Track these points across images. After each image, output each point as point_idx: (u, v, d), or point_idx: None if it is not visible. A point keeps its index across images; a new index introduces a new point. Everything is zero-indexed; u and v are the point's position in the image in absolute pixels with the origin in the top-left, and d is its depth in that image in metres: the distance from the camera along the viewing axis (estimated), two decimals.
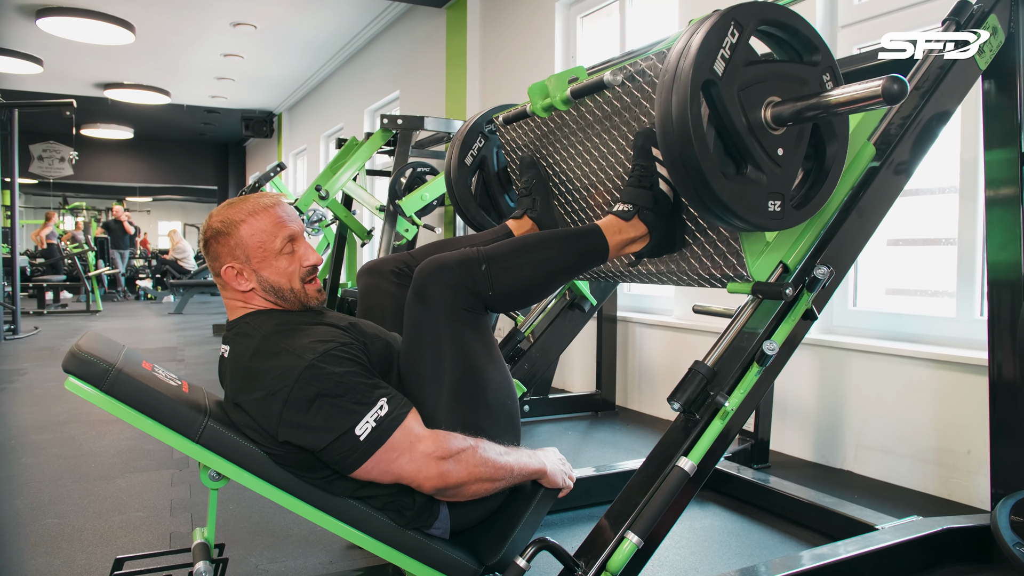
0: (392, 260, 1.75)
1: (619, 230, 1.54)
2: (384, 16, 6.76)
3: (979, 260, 2.38)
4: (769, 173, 1.33)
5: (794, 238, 1.53)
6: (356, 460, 1.26)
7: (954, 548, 1.80)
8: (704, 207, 1.31)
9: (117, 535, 2.03)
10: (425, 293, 1.39)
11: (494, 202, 2.23)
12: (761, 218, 1.33)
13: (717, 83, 1.25)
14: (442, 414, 1.36)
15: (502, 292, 1.42)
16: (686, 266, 1.63)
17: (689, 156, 1.24)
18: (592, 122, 1.72)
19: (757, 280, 1.48)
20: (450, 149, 2.17)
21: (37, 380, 4.48)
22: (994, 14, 1.71)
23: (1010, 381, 1.83)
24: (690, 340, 3.43)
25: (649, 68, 1.50)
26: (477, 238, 1.81)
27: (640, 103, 1.56)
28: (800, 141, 1.37)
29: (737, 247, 1.48)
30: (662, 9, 3.89)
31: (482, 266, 1.39)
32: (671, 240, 1.60)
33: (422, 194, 4.27)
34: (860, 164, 1.58)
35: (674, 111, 1.24)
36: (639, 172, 1.56)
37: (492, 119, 2.11)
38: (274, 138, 11.98)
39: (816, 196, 1.42)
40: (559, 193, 1.96)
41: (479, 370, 1.41)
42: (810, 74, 1.36)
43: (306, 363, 1.25)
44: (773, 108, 1.32)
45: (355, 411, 1.25)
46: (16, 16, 6.78)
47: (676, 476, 1.36)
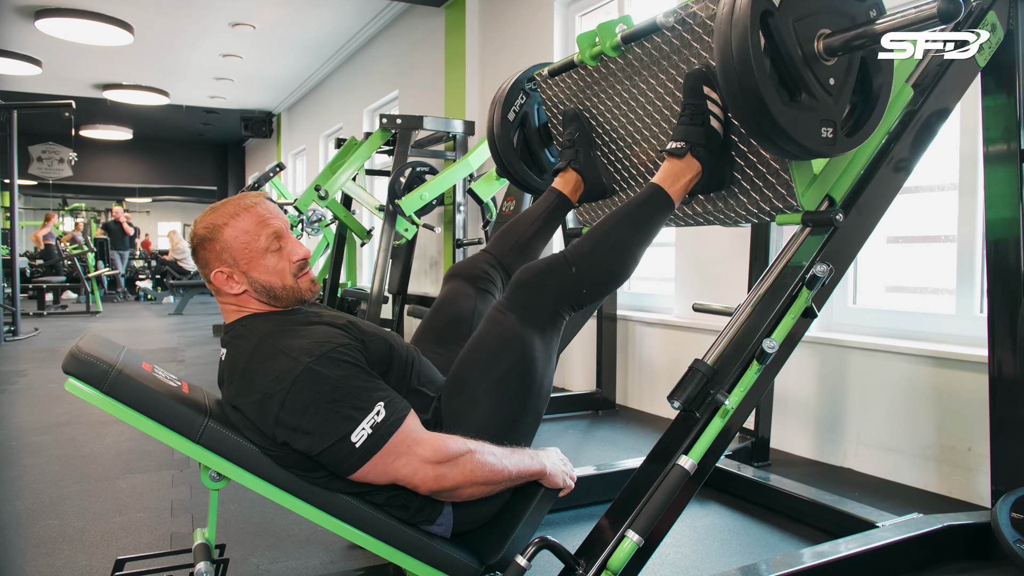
0: (479, 265, 1.83)
1: (675, 176, 1.60)
2: (383, 16, 6.75)
3: (979, 257, 2.38)
4: (822, 101, 1.40)
5: (840, 170, 1.57)
6: (352, 465, 1.26)
7: (955, 545, 1.80)
8: (762, 133, 1.38)
9: (118, 536, 2.03)
10: (519, 301, 1.47)
11: (535, 157, 2.27)
12: (815, 143, 1.40)
13: (774, 13, 1.33)
14: (484, 408, 1.41)
15: (594, 286, 1.52)
16: (734, 203, 1.68)
17: (749, 83, 1.31)
18: (639, 68, 1.79)
19: (807, 209, 1.54)
20: (491, 108, 2.20)
21: (37, 381, 4.48)
22: (993, 11, 1.71)
23: (1010, 378, 1.83)
24: (690, 338, 3.43)
25: (700, 9, 1.59)
26: (533, 211, 1.93)
27: (690, 45, 1.64)
28: (850, 72, 1.44)
29: (787, 178, 1.54)
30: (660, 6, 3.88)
31: (572, 268, 1.49)
32: (721, 176, 1.65)
33: (421, 193, 4.28)
34: (899, 104, 1.61)
35: (734, 41, 1.31)
36: (691, 111, 1.61)
37: (533, 76, 2.18)
38: (273, 138, 11.97)
39: (865, 125, 1.49)
40: (602, 143, 2.01)
41: (539, 376, 1.47)
42: (858, 9, 1.44)
43: (303, 366, 1.25)
44: (825, 40, 1.38)
45: (351, 417, 1.25)
46: (15, 17, 6.78)
47: (676, 474, 1.36)
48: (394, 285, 5.07)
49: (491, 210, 4.44)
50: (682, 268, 3.52)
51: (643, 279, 4.06)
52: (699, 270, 3.42)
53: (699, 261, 3.41)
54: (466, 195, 5.05)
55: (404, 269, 5.10)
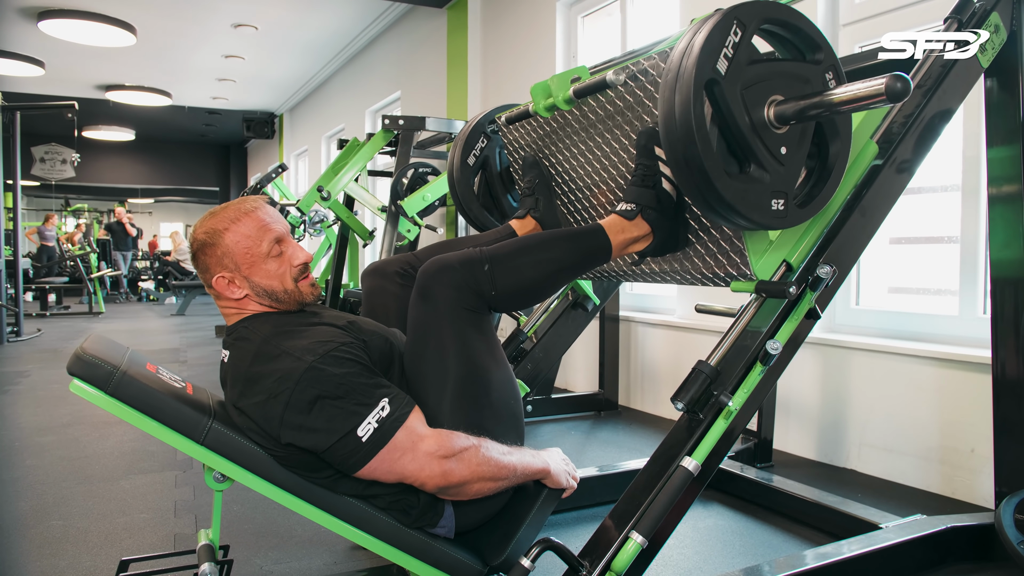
0: (396, 261, 1.76)
1: (622, 229, 1.54)
2: (385, 17, 6.76)
3: (982, 258, 2.38)
4: (772, 172, 1.33)
5: (797, 236, 1.52)
6: (359, 461, 1.26)
7: (958, 547, 1.80)
8: (707, 206, 1.31)
9: (122, 537, 2.03)
10: (428, 293, 1.39)
11: (497, 202, 2.23)
12: (764, 217, 1.33)
13: (720, 82, 1.25)
14: (446, 413, 1.36)
15: (505, 292, 1.42)
16: (689, 265, 1.63)
17: (692, 155, 1.24)
18: (595, 121, 1.72)
19: (761, 279, 1.48)
20: (452, 149, 2.17)
21: (40, 382, 4.49)
22: (996, 12, 1.70)
23: (1013, 379, 1.83)
24: (693, 339, 3.43)
25: (652, 67, 1.50)
26: (480, 238, 1.81)
27: (643, 102, 1.56)
28: (803, 140, 1.37)
29: (740, 246, 1.48)
30: (663, 8, 3.89)
31: (485, 266, 1.39)
32: (674, 239, 1.60)
33: (424, 194, 4.28)
34: (863, 162, 1.57)
35: (677, 110, 1.24)
36: (642, 171, 1.56)
37: (494, 119, 2.11)
38: (275, 139, 11.99)
39: (819, 194, 1.42)
40: (562, 192, 1.96)
41: (482, 370, 1.41)
42: (813, 72, 1.35)
43: (306, 365, 1.26)
44: (776, 107, 1.31)
45: (357, 412, 1.25)
46: (18, 18, 6.79)
47: (680, 476, 1.36)
48: None
49: None
50: None
51: None
52: None
53: None
54: None
55: None
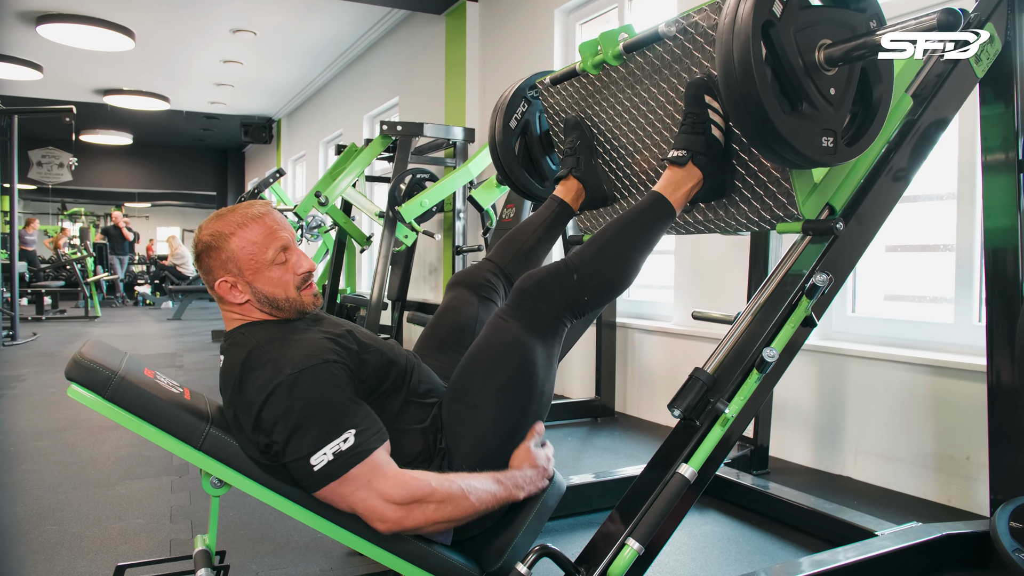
0: (480, 273, 1.83)
1: (677, 184, 1.60)
2: (383, 23, 6.78)
3: (977, 266, 2.39)
4: (823, 111, 1.41)
5: (841, 179, 1.58)
6: (310, 486, 1.27)
7: (953, 554, 1.80)
8: (763, 143, 1.39)
9: (117, 542, 2.03)
10: (522, 309, 1.47)
11: (536, 165, 2.28)
12: (816, 152, 1.41)
13: (776, 24, 1.34)
14: (486, 415, 1.41)
15: (596, 294, 1.52)
16: (735, 211, 1.69)
17: (750, 93, 1.32)
18: (641, 77, 1.80)
19: (807, 218, 1.55)
20: (493, 116, 2.21)
21: (36, 386, 4.47)
22: (991, 22, 1.72)
23: (1008, 387, 1.84)
24: (690, 346, 3.44)
25: (702, 20, 1.60)
26: (535, 220, 1.94)
27: (692, 54, 1.65)
28: (850, 82, 1.45)
29: (788, 187, 1.55)
30: (660, 15, 3.90)
31: (574, 276, 1.48)
32: (722, 185, 1.66)
33: (421, 200, 4.28)
34: (899, 113, 1.62)
35: (736, 51, 1.32)
36: (692, 119, 1.61)
37: (535, 84, 2.19)
38: (273, 144, 11.99)
39: (865, 135, 1.49)
40: (603, 152, 2.02)
41: (540, 382, 1.47)
42: (858, 20, 1.45)
43: (282, 377, 1.26)
44: (826, 50, 1.40)
45: (316, 441, 1.24)
46: (16, 23, 6.80)
47: (677, 483, 1.36)
48: (393, 291, 5.07)
49: (491, 217, 4.46)
50: (682, 276, 3.53)
51: (643, 287, 4.07)
52: (699, 278, 3.43)
53: (699, 269, 3.42)
54: (466, 202, 5.05)
55: (403, 276, 5.10)
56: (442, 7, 5.64)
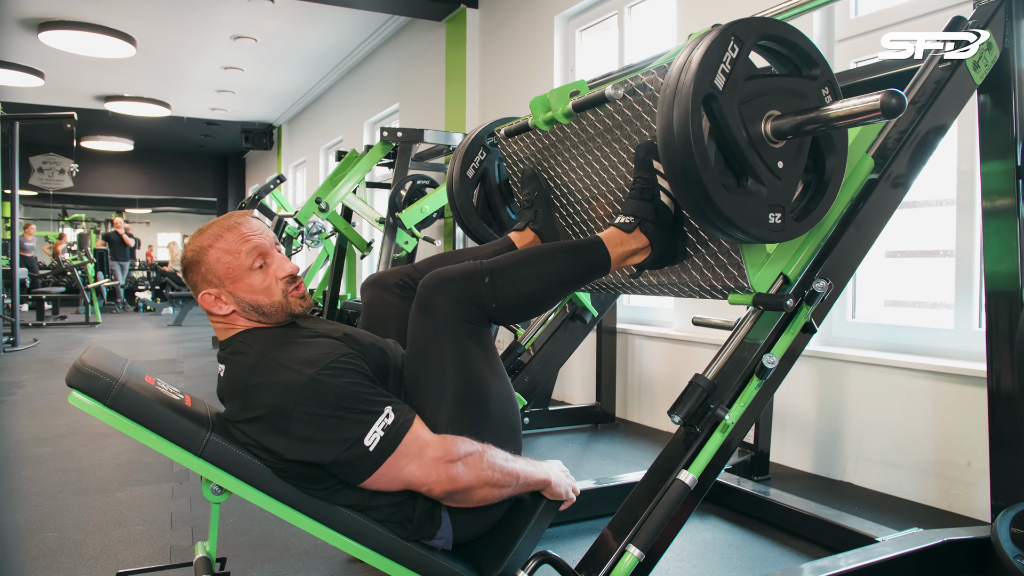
0: (396, 273, 1.77)
1: (621, 242, 1.55)
2: (384, 29, 6.80)
3: (977, 272, 2.39)
4: (770, 186, 1.35)
5: (794, 250, 1.54)
6: (367, 470, 1.27)
7: (955, 560, 1.80)
8: (705, 219, 1.33)
9: (118, 549, 2.03)
10: (429, 306, 1.40)
11: (496, 214, 2.24)
12: (762, 230, 1.35)
13: (718, 97, 1.27)
14: (444, 424, 1.37)
15: (505, 304, 1.43)
16: (687, 277, 1.64)
17: (690, 169, 1.26)
18: (593, 135, 1.74)
19: (758, 292, 1.50)
20: (452, 162, 2.19)
21: (36, 393, 4.47)
22: (988, 29, 1.73)
23: (1008, 392, 1.84)
24: (690, 352, 3.44)
25: (650, 82, 1.52)
26: (480, 251, 1.82)
27: (641, 116, 1.58)
28: (800, 154, 1.39)
29: (738, 259, 1.49)
30: (660, 23, 3.92)
31: (485, 278, 1.40)
32: (672, 252, 1.61)
33: (422, 206, 4.29)
34: (859, 176, 1.59)
35: (675, 124, 1.26)
36: (640, 184, 1.57)
37: (494, 132, 2.13)
38: (274, 150, 12.01)
39: (816, 208, 1.44)
40: (561, 205, 1.97)
41: (481, 381, 1.42)
42: (809, 88, 1.38)
43: (307, 377, 1.26)
44: (773, 122, 1.34)
45: (363, 421, 1.26)
46: (18, 30, 6.82)
47: (677, 489, 1.36)
48: None
49: None
50: None
51: None
52: None
53: None
54: None
55: None
56: (442, 14, 5.66)
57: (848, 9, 2.84)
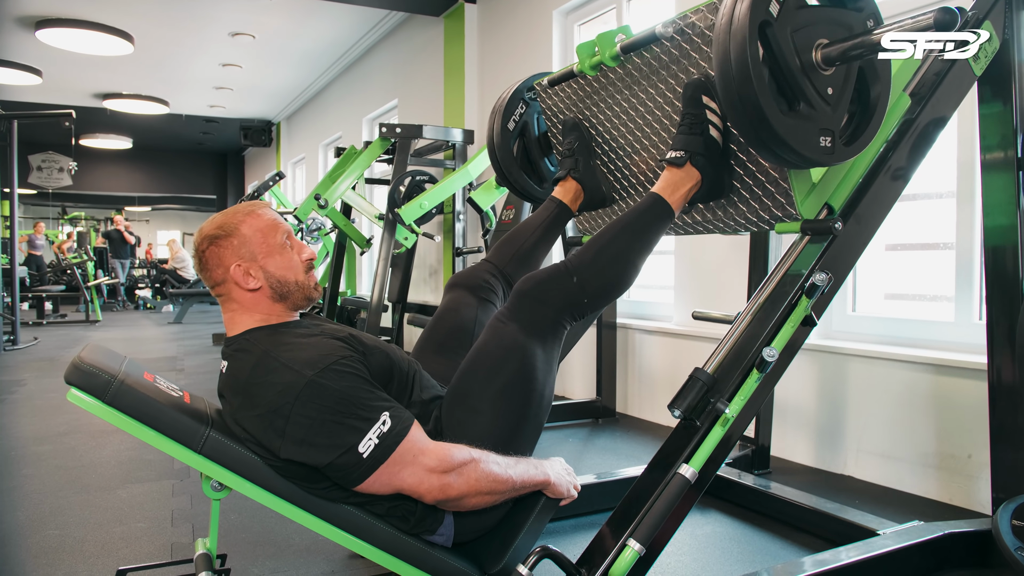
0: (479, 275, 1.83)
1: (675, 186, 1.61)
2: (382, 25, 6.78)
3: (977, 264, 2.38)
4: (820, 110, 1.41)
5: (839, 179, 1.58)
6: (360, 476, 1.27)
7: (955, 553, 1.80)
8: (761, 143, 1.39)
9: (118, 546, 2.03)
10: (522, 314, 1.47)
11: (534, 166, 2.28)
12: (814, 152, 1.40)
13: (772, 24, 1.34)
14: (491, 421, 1.41)
15: (596, 295, 1.52)
16: (733, 211, 1.69)
17: (747, 93, 1.32)
18: (639, 78, 1.80)
19: (806, 218, 1.55)
20: (491, 117, 2.22)
21: (37, 391, 4.48)
22: (988, 20, 1.72)
23: (1009, 385, 1.83)
24: (690, 346, 3.43)
25: (699, 20, 1.60)
26: (533, 220, 1.94)
27: (689, 55, 1.65)
28: (847, 82, 1.46)
29: (786, 186, 1.55)
30: (658, 16, 3.91)
31: (573, 278, 1.49)
32: (720, 185, 1.66)
33: (421, 202, 4.29)
34: (897, 112, 1.62)
35: (733, 51, 1.32)
36: (690, 120, 1.62)
37: (533, 86, 2.19)
38: (273, 147, 12.00)
39: (863, 134, 1.49)
40: (602, 152, 2.02)
41: (540, 389, 1.48)
42: (855, 19, 1.45)
43: (307, 379, 1.26)
44: (823, 50, 1.40)
45: (357, 428, 1.26)
46: (16, 28, 6.80)
47: (677, 483, 1.36)
48: (394, 294, 5.07)
49: (490, 219, 4.46)
50: (682, 276, 3.53)
51: (643, 287, 4.06)
52: (699, 278, 3.43)
53: (699, 269, 3.42)
54: (465, 204, 5.06)
55: (404, 278, 5.10)
56: (440, 9, 5.65)
57: None
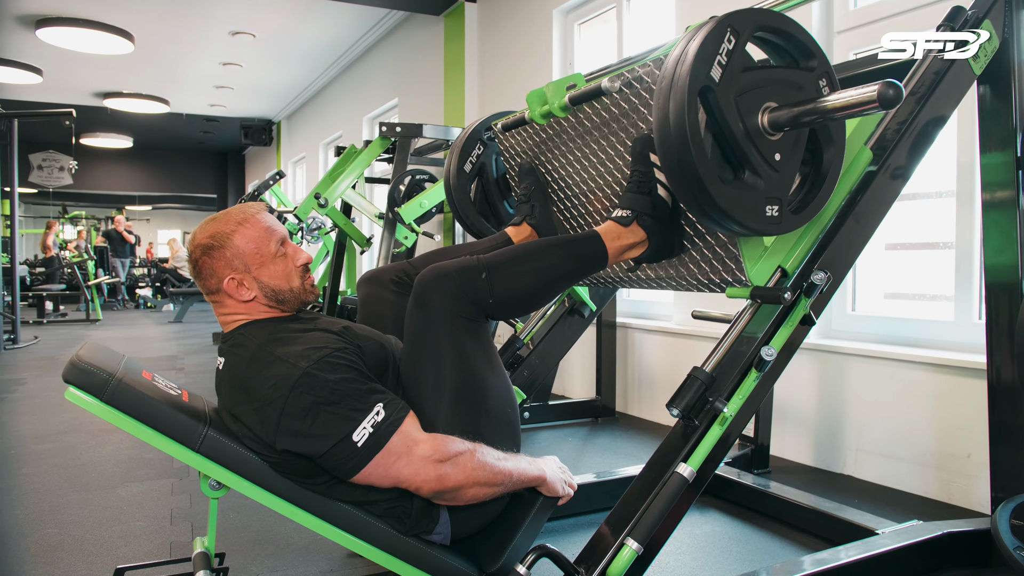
0: (392, 269, 1.76)
1: (618, 236, 1.55)
2: (382, 24, 6.78)
3: (977, 264, 2.38)
4: (767, 178, 1.34)
5: (792, 243, 1.53)
6: (355, 466, 1.27)
7: (954, 552, 1.80)
8: (702, 212, 1.32)
9: (117, 545, 2.03)
10: (425, 301, 1.40)
11: (493, 209, 2.24)
12: (759, 223, 1.34)
13: (714, 89, 1.26)
14: (442, 420, 1.36)
15: (502, 300, 1.43)
16: (684, 271, 1.64)
17: (687, 162, 1.25)
18: (590, 128, 1.73)
19: (756, 284, 1.49)
20: (449, 156, 2.18)
21: (37, 390, 4.48)
22: (988, 19, 1.72)
23: (1008, 384, 1.83)
24: (689, 345, 3.43)
25: (647, 74, 1.51)
26: (476, 246, 1.81)
27: (638, 109, 1.57)
28: (797, 146, 1.38)
29: (735, 252, 1.48)
30: (659, 16, 3.91)
31: (482, 274, 1.40)
32: (669, 245, 1.61)
33: (421, 201, 4.28)
34: (857, 168, 1.58)
35: (671, 117, 1.25)
36: (637, 178, 1.57)
37: (491, 126, 2.12)
38: (273, 146, 12.00)
39: (814, 200, 1.43)
40: (558, 199, 1.97)
41: (479, 377, 1.41)
42: (806, 80, 1.37)
43: (301, 371, 1.26)
44: (770, 114, 1.32)
45: (352, 417, 1.26)
46: (16, 26, 6.80)
47: (675, 482, 1.36)
48: None
49: None
50: None
51: None
52: None
53: None
54: None
55: None
56: (440, 8, 5.65)
57: (847, 0, 2.83)
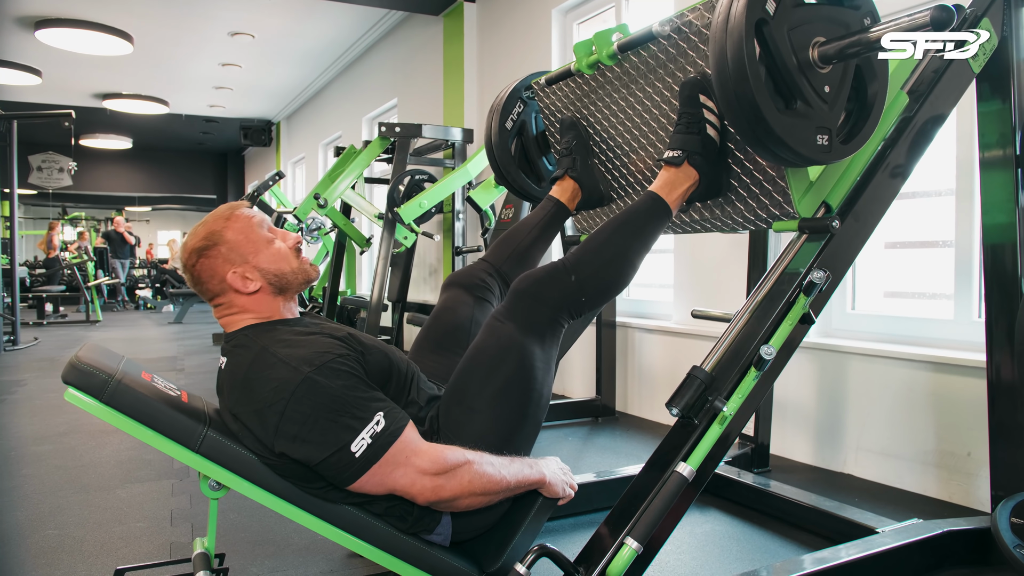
0: (475, 274, 1.83)
1: (672, 185, 1.61)
2: (381, 24, 6.78)
3: (976, 262, 2.38)
4: (817, 109, 1.41)
5: (836, 177, 1.58)
6: (351, 476, 1.27)
7: (955, 551, 1.80)
8: (758, 141, 1.39)
9: (117, 546, 2.03)
10: (519, 312, 1.47)
11: (532, 165, 2.29)
12: (811, 150, 1.40)
13: (769, 22, 1.34)
14: (490, 419, 1.41)
15: (593, 294, 1.52)
16: (731, 210, 1.69)
17: (744, 91, 1.32)
18: (636, 76, 1.80)
19: (803, 216, 1.55)
20: (489, 116, 2.22)
21: (37, 391, 4.48)
22: (987, 18, 1.72)
23: (1008, 383, 1.83)
24: (689, 345, 3.43)
25: (696, 19, 1.60)
26: (531, 219, 1.94)
27: (686, 53, 1.65)
28: (844, 80, 1.46)
29: (783, 185, 1.55)
30: (657, 15, 3.90)
31: (571, 276, 1.49)
32: (718, 184, 1.67)
33: (420, 201, 4.29)
34: (895, 110, 1.62)
35: (729, 49, 1.32)
36: (687, 119, 1.62)
37: (531, 84, 2.19)
38: (273, 147, 12.00)
39: (861, 132, 1.49)
40: (599, 151, 2.02)
41: (539, 387, 1.47)
42: (852, 17, 1.45)
43: (303, 376, 1.26)
44: (820, 48, 1.40)
45: (351, 427, 1.26)
46: (15, 28, 6.80)
47: (675, 481, 1.36)
48: (393, 293, 5.07)
49: (490, 218, 4.46)
50: (681, 275, 3.53)
51: (642, 286, 4.06)
52: (698, 277, 3.42)
53: (698, 268, 3.42)
54: (465, 203, 5.06)
55: (403, 277, 5.10)
56: (439, 8, 5.65)
57: None
